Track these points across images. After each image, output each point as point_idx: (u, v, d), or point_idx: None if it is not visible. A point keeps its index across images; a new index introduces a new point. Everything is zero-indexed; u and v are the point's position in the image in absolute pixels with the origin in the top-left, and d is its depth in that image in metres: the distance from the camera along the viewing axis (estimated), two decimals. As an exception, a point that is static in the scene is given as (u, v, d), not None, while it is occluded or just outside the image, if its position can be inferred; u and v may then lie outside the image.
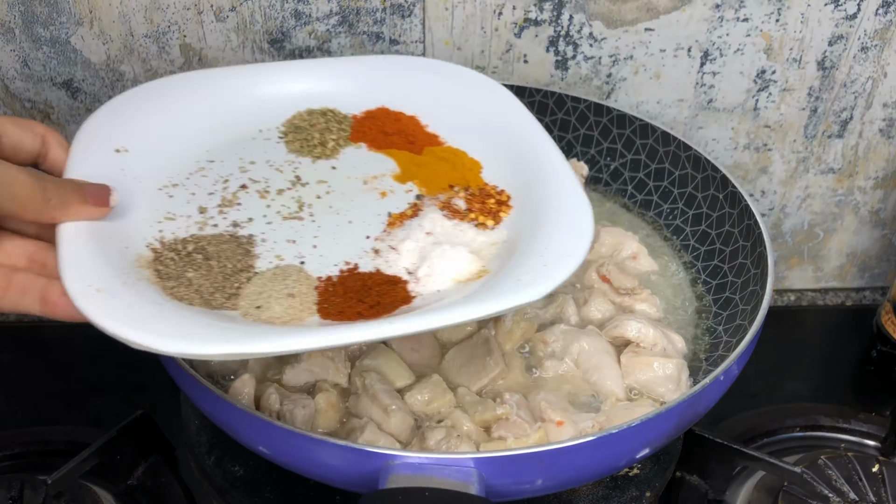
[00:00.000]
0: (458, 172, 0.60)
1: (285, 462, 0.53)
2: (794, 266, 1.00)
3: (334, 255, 0.53)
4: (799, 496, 0.68)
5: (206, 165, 0.60)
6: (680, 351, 0.64)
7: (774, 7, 0.80)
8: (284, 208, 0.56)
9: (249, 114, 0.64)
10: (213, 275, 0.50)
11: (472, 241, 0.54)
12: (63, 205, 0.46)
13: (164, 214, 0.54)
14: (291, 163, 0.61)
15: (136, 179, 0.56)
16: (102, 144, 0.56)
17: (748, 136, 0.88)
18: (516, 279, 0.48)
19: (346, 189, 0.58)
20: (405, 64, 0.68)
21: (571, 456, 0.49)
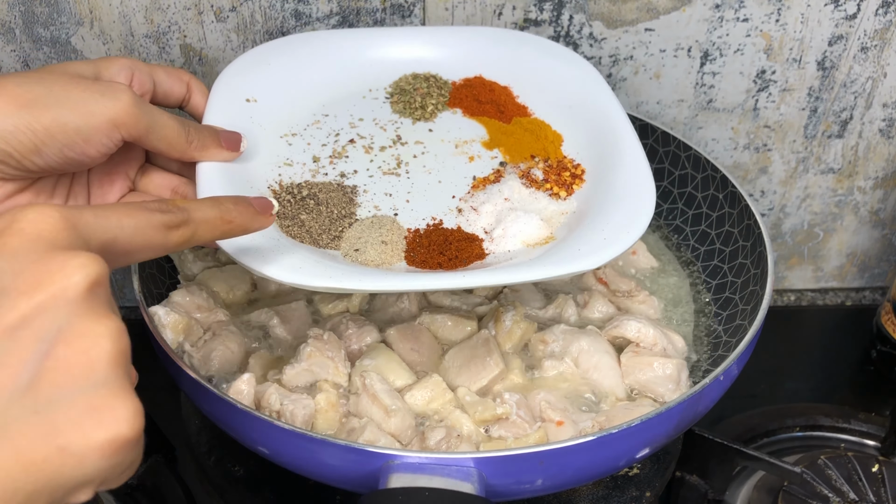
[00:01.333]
0: (540, 144, 0.63)
1: (285, 462, 0.53)
2: (794, 266, 1.00)
3: (423, 210, 0.59)
4: (799, 496, 0.68)
5: (322, 119, 0.66)
6: (680, 351, 0.65)
7: (774, 7, 0.80)
8: (385, 164, 0.62)
9: (362, 74, 0.69)
10: (322, 218, 0.56)
11: (544, 209, 0.58)
12: (202, 147, 0.54)
13: (284, 160, 0.61)
14: (394, 122, 0.66)
15: (261, 127, 0.62)
16: (235, 94, 0.63)
17: (748, 136, 0.88)
18: (577, 249, 0.52)
19: (439, 151, 0.63)
20: (504, 36, 0.71)
21: (571, 456, 0.49)
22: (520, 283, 0.60)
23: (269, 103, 0.64)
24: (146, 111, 0.49)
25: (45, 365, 0.30)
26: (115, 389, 0.31)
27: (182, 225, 0.40)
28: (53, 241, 0.32)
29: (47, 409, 0.29)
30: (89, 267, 0.32)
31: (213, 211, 0.42)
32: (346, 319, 0.63)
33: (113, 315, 0.32)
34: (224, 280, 0.67)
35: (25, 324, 0.30)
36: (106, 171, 0.54)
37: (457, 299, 0.66)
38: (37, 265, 0.31)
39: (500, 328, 0.63)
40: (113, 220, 0.36)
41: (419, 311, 0.65)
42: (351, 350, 0.62)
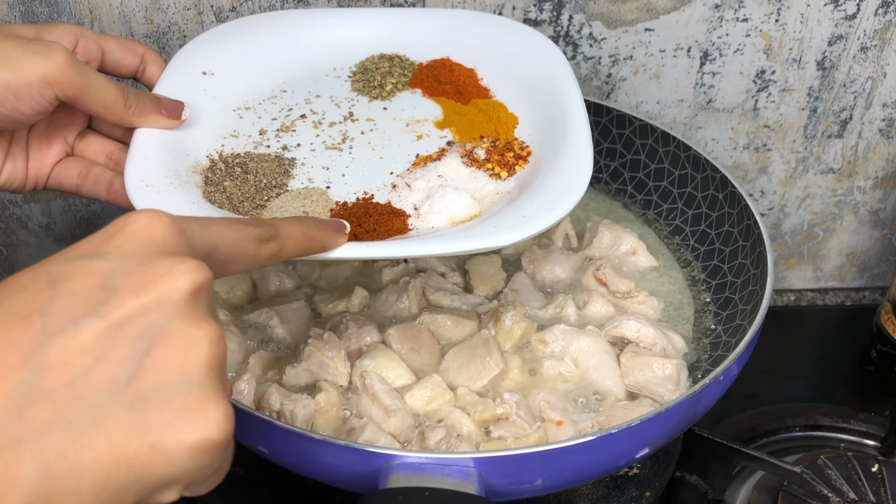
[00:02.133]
0: (492, 125, 0.63)
1: (285, 462, 0.53)
2: (794, 266, 1.00)
3: (358, 184, 0.58)
4: (799, 496, 0.68)
5: (279, 94, 0.66)
6: (679, 351, 0.65)
7: (774, 7, 0.80)
8: (330, 139, 0.62)
9: (328, 53, 0.69)
10: (248, 186, 0.56)
11: (481, 188, 0.57)
12: (141, 113, 0.54)
13: (230, 132, 0.62)
14: (350, 100, 0.65)
15: (214, 99, 0.63)
16: (193, 66, 0.63)
17: (748, 136, 0.88)
18: (493, 225, 0.51)
19: (388, 128, 0.63)
20: (473, 18, 0.71)
21: (571, 456, 0.49)
22: (423, 256, 0.58)
23: (226, 77, 0.64)
24: (81, 72, 0.50)
25: (144, 363, 0.31)
26: (208, 392, 0.31)
27: (272, 239, 0.41)
28: (162, 246, 0.34)
29: (143, 405, 0.30)
30: (195, 273, 0.33)
31: (297, 228, 0.44)
32: (346, 319, 0.63)
33: (213, 321, 0.33)
34: (224, 280, 0.67)
35: (130, 322, 0.31)
36: (45, 133, 0.56)
37: (457, 299, 0.66)
38: (145, 268, 0.32)
39: (500, 328, 0.63)
40: (214, 229, 0.38)
41: (419, 311, 0.65)
42: (351, 350, 0.62)
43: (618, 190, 0.81)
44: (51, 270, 0.32)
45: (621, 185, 0.81)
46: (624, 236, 0.72)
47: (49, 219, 0.89)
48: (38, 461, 0.28)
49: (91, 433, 0.29)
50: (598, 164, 0.81)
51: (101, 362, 0.30)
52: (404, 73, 0.67)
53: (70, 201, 0.87)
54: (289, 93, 0.66)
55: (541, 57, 0.67)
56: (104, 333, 0.30)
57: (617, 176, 0.81)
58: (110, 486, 0.29)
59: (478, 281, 0.68)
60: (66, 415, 0.29)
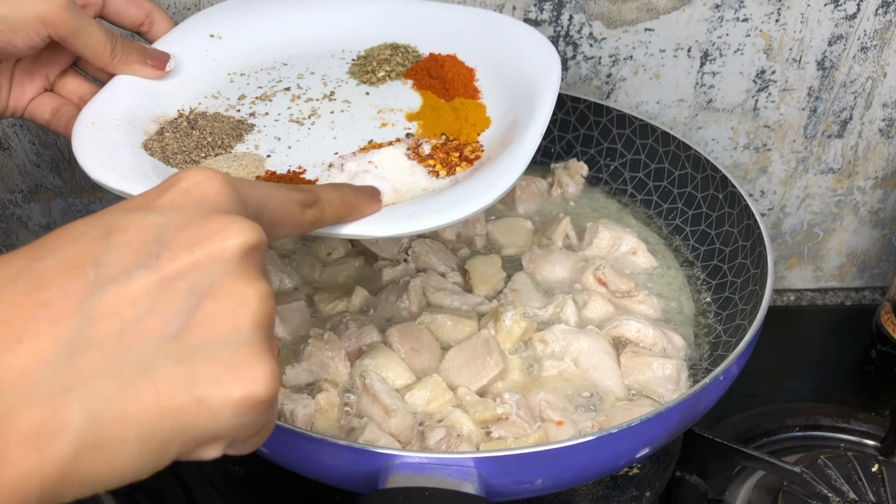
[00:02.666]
0: (458, 124, 0.61)
1: (285, 462, 0.53)
2: (794, 266, 1.00)
3: (298, 158, 0.57)
4: (799, 496, 0.68)
5: (278, 66, 0.66)
6: (679, 351, 0.65)
7: (774, 7, 0.80)
8: (298, 113, 0.61)
9: (339, 34, 0.69)
10: (188, 141, 0.56)
11: (410, 182, 0.55)
12: (125, 62, 0.57)
13: (213, 92, 0.62)
14: (340, 81, 0.65)
15: (214, 61, 0.64)
16: (201, 28, 0.65)
17: (748, 136, 0.88)
18: (382, 217, 0.50)
19: (359, 112, 0.62)
20: (487, 18, 0.69)
21: (571, 456, 0.49)
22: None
23: (232, 42, 0.66)
24: (76, 16, 0.52)
25: (193, 318, 0.31)
26: (255, 350, 0.32)
27: (314, 204, 0.42)
28: (217, 203, 0.34)
29: (190, 359, 0.30)
30: (248, 232, 0.33)
31: (336, 194, 0.45)
32: (346, 319, 0.63)
33: (264, 280, 0.33)
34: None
35: (181, 276, 0.31)
36: (29, 67, 0.58)
37: (457, 299, 0.66)
38: (199, 224, 0.33)
39: (500, 328, 0.63)
40: (263, 190, 0.38)
41: (419, 311, 0.65)
42: (351, 350, 0.62)
43: (618, 190, 0.81)
44: (105, 222, 0.32)
45: (621, 185, 0.81)
46: (624, 236, 0.72)
47: (49, 219, 0.89)
48: (87, 408, 0.28)
49: (138, 383, 0.29)
50: (599, 164, 0.81)
51: (150, 314, 0.30)
52: (404, 63, 0.67)
53: (70, 201, 0.87)
54: (288, 66, 0.66)
55: (533, 65, 0.65)
56: (155, 286, 0.30)
57: (617, 176, 0.81)
58: (155, 436, 0.29)
59: (478, 281, 0.68)
60: (115, 364, 0.29)
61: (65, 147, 0.83)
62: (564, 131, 0.82)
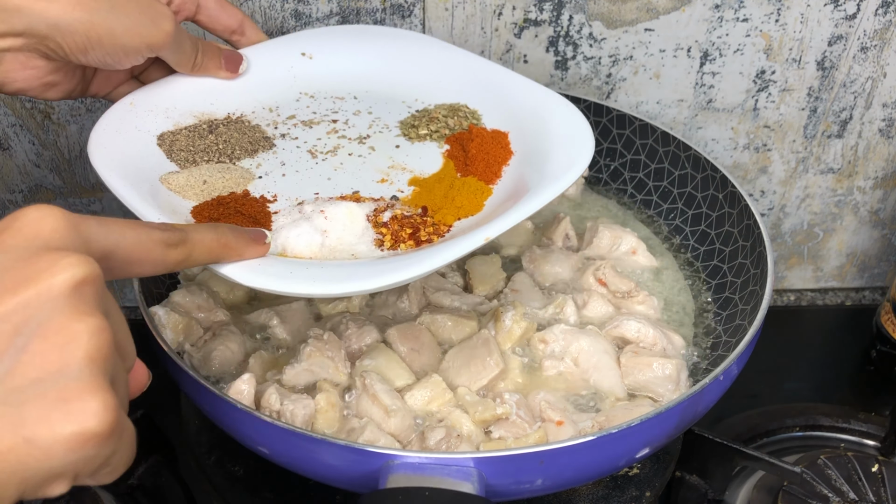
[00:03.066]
0: (441, 202, 0.57)
1: (285, 462, 0.53)
2: (794, 266, 1.00)
3: (282, 187, 0.58)
4: (799, 496, 0.68)
5: (348, 98, 0.67)
6: (679, 351, 0.65)
7: (774, 7, 0.80)
8: (322, 146, 0.62)
9: (421, 84, 0.68)
10: (199, 143, 0.59)
11: (350, 244, 0.54)
12: (205, 67, 0.62)
13: (270, 105, 0.65)
14: (385, 127, 0.65)
15: (293, 77, 0.66)
16: (297, 44, 0.68)
17: (748, 136, 0.88)
18: (261, 268, 0.49)
19: (372, 161, 0.62)
20: (550, 102, 0.63)
21: (571, 456, 0.49)
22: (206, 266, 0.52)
23: (319, 65, 0.67)
24: (178, 38, 0.57)
25: (20, 358, 0.30)
26: (87, 384, 0.31)
27: (180, 244, 0.42)
28: (49, 241, 0.34)
29: (17, 399, 0.30)
30: (77, 266, 0.32)
31: (210, 234, 0.45)
32: (346, 319, 0.63)
33: (97, 314, 0.32)
34: (224, 280, 0.67)
35: (6, 319, 0.31)
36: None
37: (457, 299, 0.66)
38: (27, 263, 0.32)
39: (500, 328, 0.63)
40: (115, 228, 0.38)
41: (419, 311, 0.65)
42: (351, 350, 0.62)
43: (618, 190, 0.81)
44: None
45: (621, 185, 0.81)
46: (624, 236, 0.72)
47: (49, 219, 0.89)
48: None
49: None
50: (599, 164, 0.81)
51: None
52: (453, 127, 0.64)
53: (70, 201, 0.87)
54: (356, 100, 0.67)
55: (567, 141, 0.60)
56: None
57: (617, 176, 0.81)
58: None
59: (478, 281, 0.68)
60: None
61: (65, 147, 0.83)
62: (564, 131, 0.82)
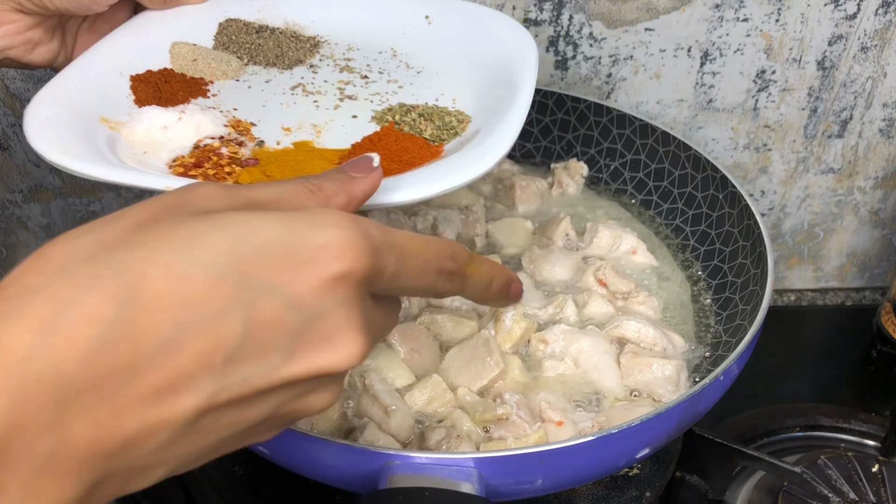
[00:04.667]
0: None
1: (285, 462, 0.53)
2: (794, 266, 1.00)
3: (264, 117, 0.60)
4: (799, 496, 0.68)
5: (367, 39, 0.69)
6: (680, 351, 0.65)
7: (774, 7, 0.80)
8: (325, 86, 0.64)
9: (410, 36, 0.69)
10: (259, 47, 0.65)
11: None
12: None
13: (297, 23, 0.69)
14: (391, 81, 0.65)
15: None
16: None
17: (748, 136, 0.88)
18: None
19: (354, 112, 0.62)
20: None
21: (571, 456, 0.49)
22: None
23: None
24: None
25: (294, 408, 0.34)
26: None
27: (458, 277, 0.40)
28: (352, 298, 0.33)
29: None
30: (362, 352, 0.34)
31: (488, 268, 0.43)
32: (346, 319, 0.63)
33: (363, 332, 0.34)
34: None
35: (296, 385, 0.33)
36: (93, 24, 0.62)
37: (457, 299, 0.66)
38: (327, 336, 0.32)
39: (500, 328, 0.63)
40: (408, 270, 0.36)
41: (419, 311, 0.65)
42: (351, 350, 0.61)
43: (618, 190, 0.81)
44: (246, 300, 0.30)
45: (621, 185, 0.81)
46: (624, 236, 0.72)
47: (49, 219, 0.89)
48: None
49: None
50: (599, 164, 0.81)
51: (260, 422, 0.33)
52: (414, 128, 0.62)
53: (70, 201, 0.87)
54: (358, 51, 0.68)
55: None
56: (276, 384, 0.32)
57: (617, 176, 0.81)
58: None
59: (478, 281, 0.68)
60: None
61: (65, 147, 0.83)
62: (564, 131, 0.82)
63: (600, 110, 0.79)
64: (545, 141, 0.83)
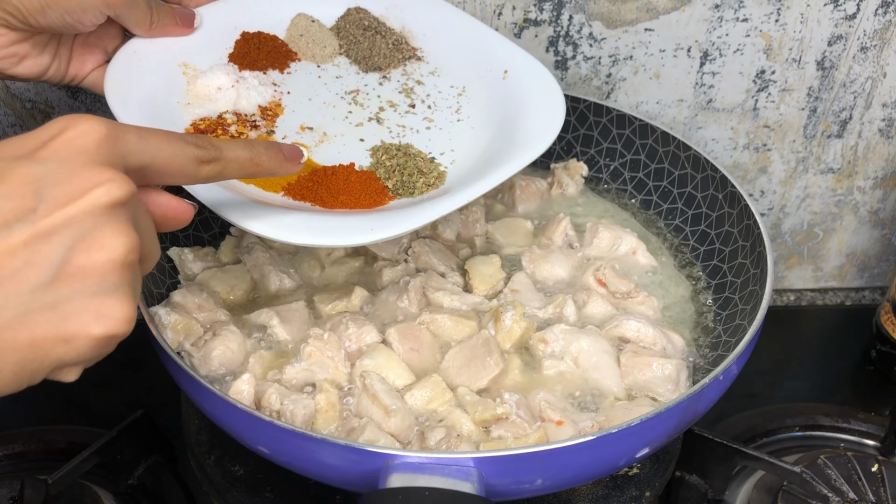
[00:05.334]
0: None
1: (285, 462, 0.53)
2: (794, 266, 1.00)
3: (300, 109, 0.64)
4: (798, 496, 0.68)
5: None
6: (679, 351, 0.65)
7: (774, 7, 0.80)
8: (355, 111, 0.66)
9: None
10: (373, 42, 0.67)
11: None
12: (161, 26, 0.64)
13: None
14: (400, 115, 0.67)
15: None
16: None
17: (748, 136, 0.88)
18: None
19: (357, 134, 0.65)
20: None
21: (571, 456, 0.49)
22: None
23: None
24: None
25: (65, 269, 0.36)
26: (119, 295, 0.37)
27: (213, 161, 0.44)
28: (95, 155, 0.37)
29: (61, 305, 0.36)
30: (117, 187, 0.37)
31: (244, 152, 0.47)
32: (346, 319, 0.63)
33: (131, 231, 0.37)
34: (224, 280, 0.67)
35: (56, 231, 0.35)
36: (88, 41, 0.63)
37: (457, 299, 0.66)
38: (75, 178, 0.36)
39: (500, 328, 0.63)
40: (153, 143, 0.41)
41: (419, 311, 0.65)
42: (351, 350, 0.62)
43: (618, 190, 0.81)
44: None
45: (621, 185, 0.81)
46: (624, 236, 0.72)
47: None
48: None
49: (16, 326, 0.35)
50: (598, 164, 0.81)
51: (28, 266, 0.35)
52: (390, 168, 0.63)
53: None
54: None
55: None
56: (32, 239, 0.35)
57: (617, 176, 0.81)
58: (27, 367, 0.36)
59: (478, 281, 0.68)
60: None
61: (65, 147, 0.83)
62: (564, 131, 0.82)
63: (600, 110, 0.79)
64: (545, 141, 0.83)
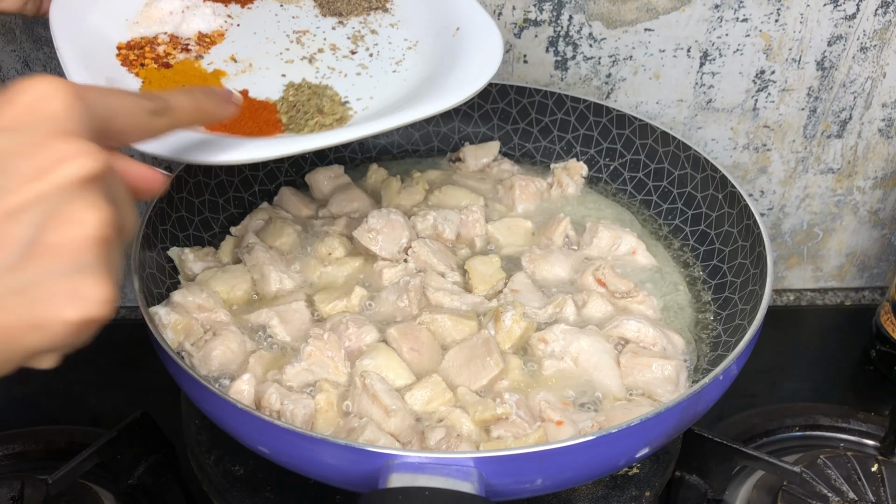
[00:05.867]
0: None
1: (285, 462, 0.53)
2: (794, 266, 1.00)
3: (239, 41, 0.65)
4: (798, 495, 0.68)
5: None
6: (679, 351, 0.65)
7: (774, 7, 0.80)
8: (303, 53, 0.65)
9: None
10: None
11: None
12: None
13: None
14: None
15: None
16: None
17: (747, 136, 0.89)
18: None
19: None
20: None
21: (571, 455, 0.49)
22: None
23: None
24: None
25: (34, 249, 0.32)
26: (94, 274, 0.33)
27: (164, 112, 0.43)
28: (62, 122, 0.35)
29: (31, 288, 0.32)
30: (91, 162, 0.34)
31: (187, 100, 0.46)
32: (346, 319, 0.63)
33: (106, 206, 0.34)
34: (224, 280, 0.67)
35: (23, 209, 0.32)
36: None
37: (457, 299, 0.66)
38: (43, 149, 0.33)
39: (500, 328, 0.63)
40: (112, 98, 0.39)
41: (419, 311, 0.65)
42: (351, 350, 0.62)
43: (618, 190, 0.81)
44: None
45: (621, 185, 0.81)
46: (624, 236, 0.72)
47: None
48: None
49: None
50: (598, 164, 0.81)
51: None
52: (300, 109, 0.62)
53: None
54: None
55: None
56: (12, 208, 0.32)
57: (617, 176, 0.81)
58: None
59: (478, 281, 0.68)
60: None
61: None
62: (564, 131, 0.82)
63: (600, 110, 0.79)
64: (545, 141, 0.83)
